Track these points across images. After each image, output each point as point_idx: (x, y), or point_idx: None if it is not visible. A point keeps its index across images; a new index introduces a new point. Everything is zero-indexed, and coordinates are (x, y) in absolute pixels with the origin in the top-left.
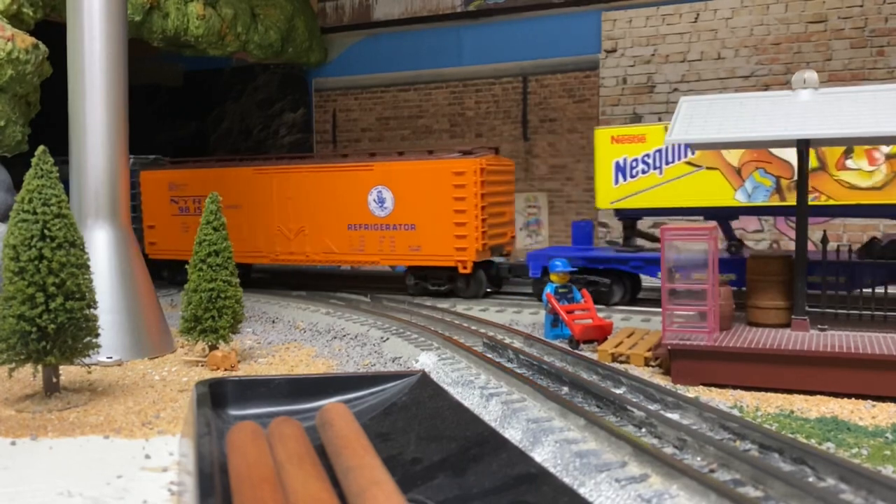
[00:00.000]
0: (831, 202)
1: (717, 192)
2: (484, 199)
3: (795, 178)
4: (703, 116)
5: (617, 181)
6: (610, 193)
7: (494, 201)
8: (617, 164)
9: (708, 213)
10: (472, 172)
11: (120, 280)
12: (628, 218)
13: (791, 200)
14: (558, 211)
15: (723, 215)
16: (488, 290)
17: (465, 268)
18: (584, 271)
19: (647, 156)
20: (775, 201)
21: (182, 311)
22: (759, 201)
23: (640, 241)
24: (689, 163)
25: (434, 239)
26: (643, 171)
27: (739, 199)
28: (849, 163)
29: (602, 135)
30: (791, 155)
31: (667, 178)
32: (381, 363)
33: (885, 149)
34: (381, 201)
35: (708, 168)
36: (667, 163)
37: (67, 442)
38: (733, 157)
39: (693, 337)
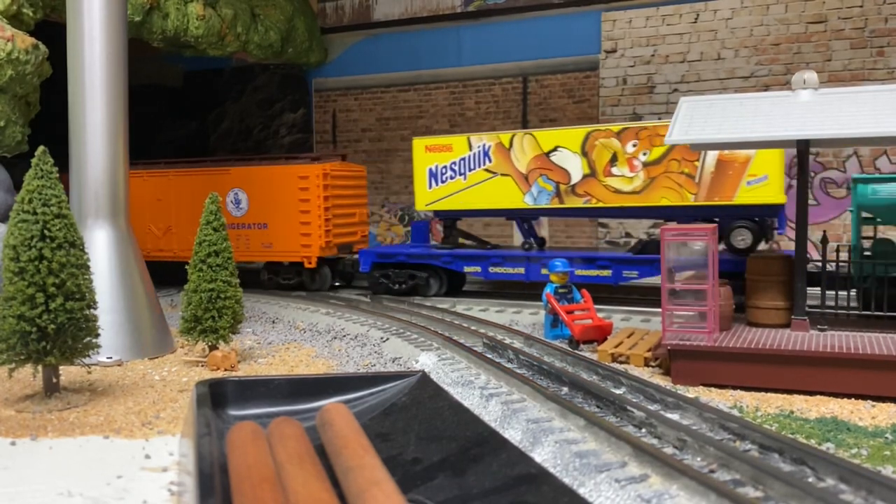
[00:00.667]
0: (600, 205)
1: (510, 195)
2: (328, 200)
3: (572, 183)
4: (703, 117)
5: (430, 185)
6: (425, 196)
7: (340, 203)
8: (430, 170)
9: (504, 213)
10: (316, 177)
11: (120, 280)
12: (447, 218)
13: (569, 203)
14: None
15: (517, 216)
16: (336, 283)
17: (309, 263)
18: (404, 266)
19: (454, 163)
20: (556, 204)
21: (182, 311)
22: (543, 204)
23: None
24: (487, 170)
25: (283, 237)
26: (451, 177)
27: (527, 202)
28: (614, 170)
29: (418, 144)
30: (569, 163)
31: (469, 183)
32: (381, 363)
33: (643, 157)
34: (237, 202)
35: (502, 175)
36: (469, 169)
37: (67, 442)
38: (522, 164)
39: (693, 337)
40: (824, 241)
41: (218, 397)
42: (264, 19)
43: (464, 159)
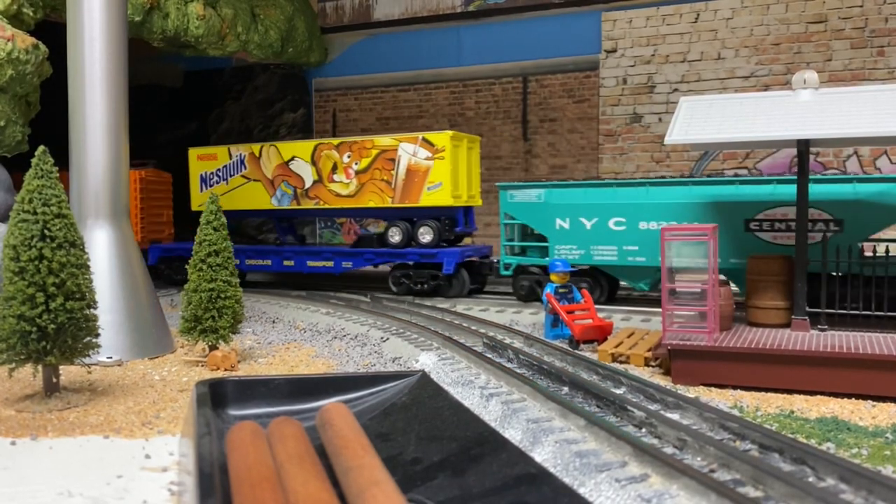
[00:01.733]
0: (326, 206)
1: (261, 198)
2: (142, 202)
3: (306, 187)
4: (703, 117)
5: (202, 189)
6: (198, 199)
7: (152, 204)
8: (201, 175)
9: (257, 214)
10: (134, 181)
11: (120, 280)
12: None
13: (304, 205)
14: None
15: (268, 216)
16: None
17: None
18: (185, 259)
19: (219, 170)
20: (294, 205)
21: (182, 311)
22: (286, 205)
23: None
24: (243, 176)
25: None
26: (216, 182)
27: (274, 204)
28: (335, 177)
29: (192, 153)
30: (303, 171)
31: (231, 186)
32: (381, 363)
33: (355, 166)
34: None
35: (254, 180)
36: (230, 175)
37: (67, 442)
38: (268, 171)
39: (693, 337)
40: (824, 240)
41: (218, 397)
42: (264, 19)
43: (226, 167)
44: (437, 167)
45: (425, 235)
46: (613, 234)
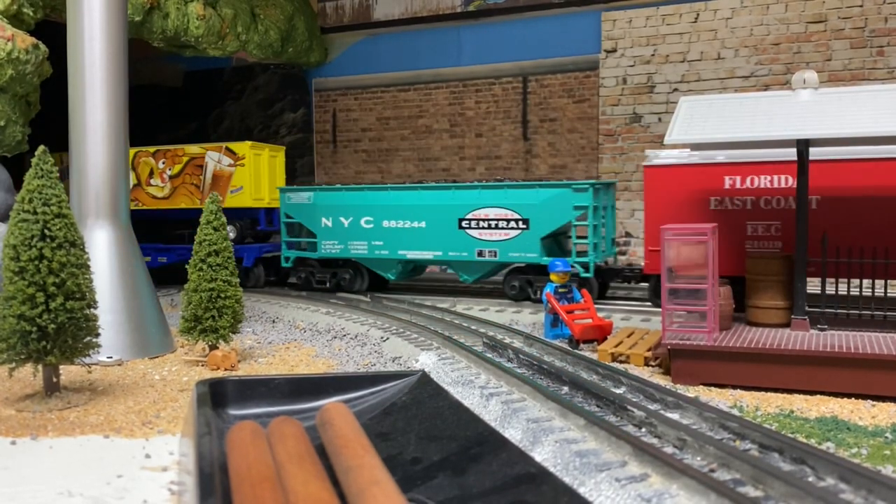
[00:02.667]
0: (145, 207)
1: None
2: None
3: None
4: (702, 117)
5: None
6: None
7: None
8: None
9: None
10: None
11: (120, 280)
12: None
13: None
14: None
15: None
16: None
17: None
18: None
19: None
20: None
21: (182, 311)
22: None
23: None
24: None
25: None
26: None
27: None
28: (151, 181)
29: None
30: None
31: None
32: (381, 363)
33: (169, 171)
34: None
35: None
36: None
37: (67, 441)
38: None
39: (693, 337)
40: (824, 240)
41: (218, 397)
42: (264, 19)
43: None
44: (238, 173)
45: (229, 233)
46: (364, 231)
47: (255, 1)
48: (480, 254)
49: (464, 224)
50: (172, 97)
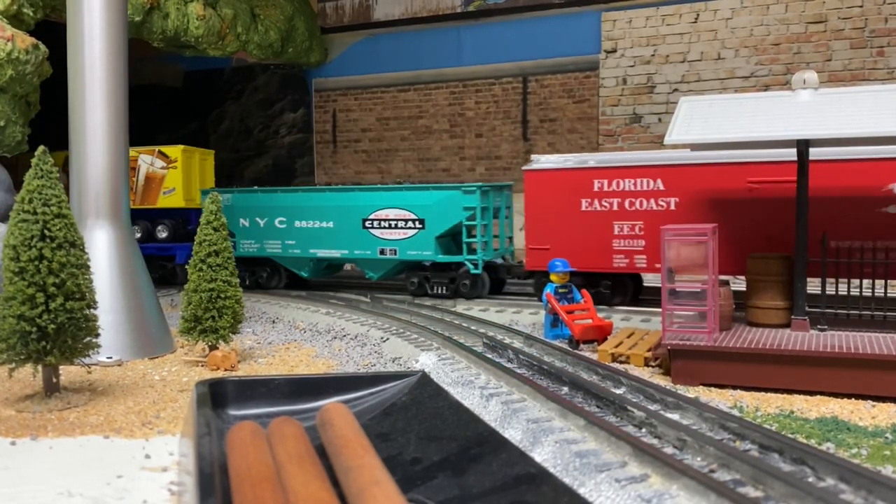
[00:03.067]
0: None
1: None
2: None
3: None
4: (703, 117)
5: None
6: None
7: None
8: None
9: None
10: None
11: (120, 280)
12: None
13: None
14: None
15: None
16: None
17: None
18: None
19: None
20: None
21: (182, 311)
22: None
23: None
24: None
25: None
26: None
27: None
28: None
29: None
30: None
31: None
32: (381, 363)
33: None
34: None
35: None
36: None
37: (67, 442)
38: None
39: (693, 337)
40: (824, 240)
41: (218, 397)
42: (264, 19)
43: None
44: (171, 175)
45: (162, 232)
46: (279, 231)
47: (255, 1)
48: (382, 252)
49: (367, 224)
50: (172, 97)
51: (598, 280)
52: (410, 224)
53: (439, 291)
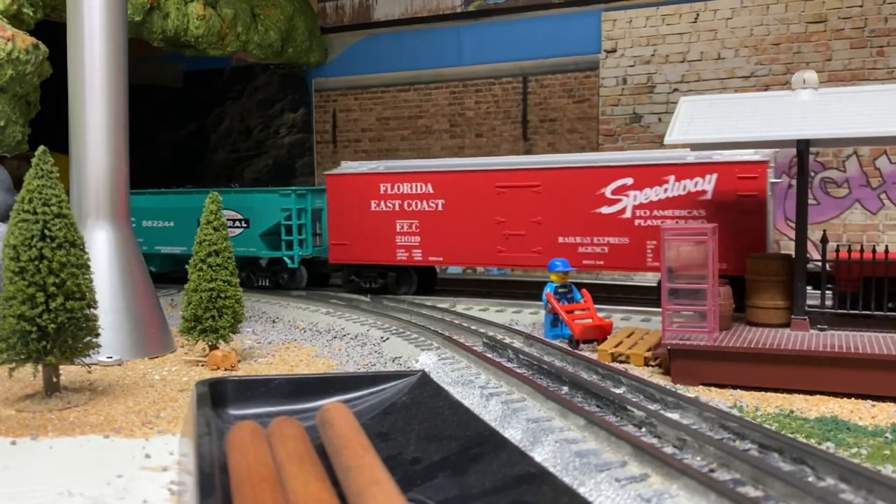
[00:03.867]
0: None
1: None
2: None
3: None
4: (703, 117)
5: None
6: None
7: None
8: None
9: None
10: None
11: (120, 280)
12: None
13: None
14: None
15: None
16: None
17: None
18: None
19: None
20: None
21: (182, 311)
22: None
23: None
24: None
25: None
26: None
27: None
28: None
29: None
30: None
31: None
32: (381, 363)
33: None
34: None
35: None
36: None
37: (67, 441)
38: None
39: (693, 337)
40: (824, 240)
41: (218, 397)
42: (264, 19)
43: None
44: None
45: None
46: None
47: (255, 1)
48: None
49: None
50: (172, 97)
51: (386, 272)
52: (238, 224)
53: (264, 284)
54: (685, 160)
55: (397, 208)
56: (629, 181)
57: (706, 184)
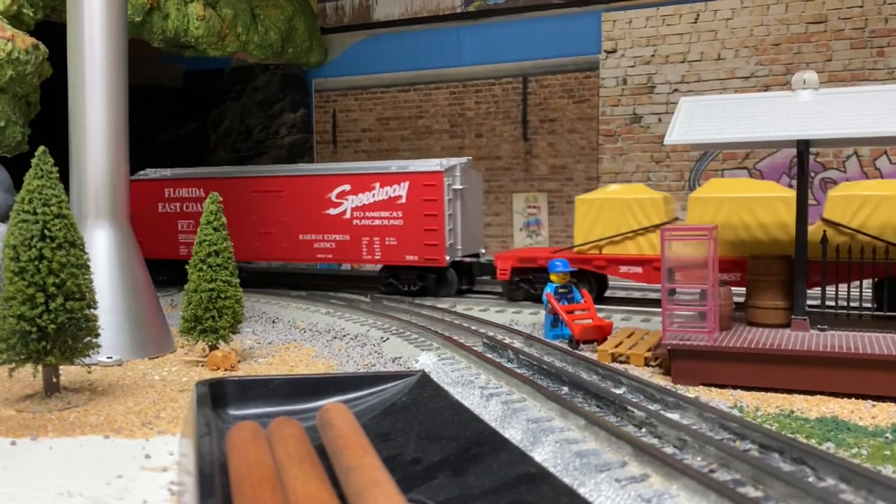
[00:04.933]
0: None
1: None
2: None
3: None
4: (703, 117)
5: None
6: None
7: None
8: None
9: None
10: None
11: (120, 280)
12: None
13: None
14: (558, 211)
15: None
16: None
17: None
18: None
19: None
20: None
21: (182, 311)
22: None
23: None
24: None
25: None
26: None
27: None
28: None
29: None
30: None
31: None
32: (381, 363)
33: None
34: None
35: None
36: None
37: (67, 442)
38: None
39: (693, 337)
40: (824, 240)
41: (218, 397)
42: (264, 19)
43: None
44: None
45: None
46: None
47: (255, 1)
48: None
49: None
50: (172, 97)
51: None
52: None
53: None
54: (388, 170)
55: (178, 210)
56: (348, 187)
57: (402, 189)
